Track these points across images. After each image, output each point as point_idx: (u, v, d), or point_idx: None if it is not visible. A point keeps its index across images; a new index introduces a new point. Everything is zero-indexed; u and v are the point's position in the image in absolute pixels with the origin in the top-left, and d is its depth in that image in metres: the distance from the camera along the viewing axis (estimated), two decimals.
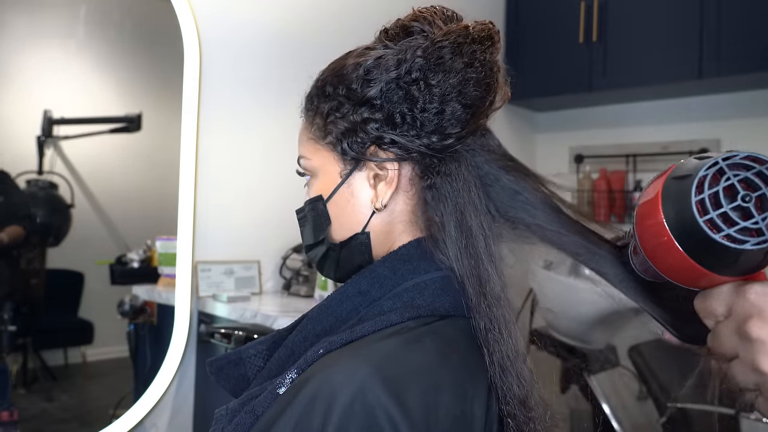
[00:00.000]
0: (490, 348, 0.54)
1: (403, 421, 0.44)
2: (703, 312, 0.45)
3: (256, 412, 0.50)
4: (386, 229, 0.61)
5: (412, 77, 0.56)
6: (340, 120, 0.59)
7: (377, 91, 0.57)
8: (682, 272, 0.44)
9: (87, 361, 1.80)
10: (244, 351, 0.64)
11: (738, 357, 0.42)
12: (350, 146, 0.59)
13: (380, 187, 0.59)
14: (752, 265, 0.41)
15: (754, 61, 2.07)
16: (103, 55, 1.76)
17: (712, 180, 0.41)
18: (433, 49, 0.56)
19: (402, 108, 0.57)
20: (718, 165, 0.41)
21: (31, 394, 1.67)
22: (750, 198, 0.40)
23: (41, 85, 1.65)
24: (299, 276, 1.83)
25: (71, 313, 1.78)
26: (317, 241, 0.64)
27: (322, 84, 0.62)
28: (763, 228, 0.39)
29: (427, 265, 0.58)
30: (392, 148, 0.58)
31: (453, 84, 0.56)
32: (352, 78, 0.58)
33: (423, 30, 0.59)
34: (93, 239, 1.75)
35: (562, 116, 2.87)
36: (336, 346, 0.51)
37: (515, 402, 0.53)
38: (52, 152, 1.64)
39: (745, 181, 0.40)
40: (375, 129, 0.58)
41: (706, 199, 0.40)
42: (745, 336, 0.41)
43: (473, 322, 0.55)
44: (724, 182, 0.40)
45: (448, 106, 0.56)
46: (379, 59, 0.58)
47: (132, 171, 1.81)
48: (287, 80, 1.91)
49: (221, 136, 1.76)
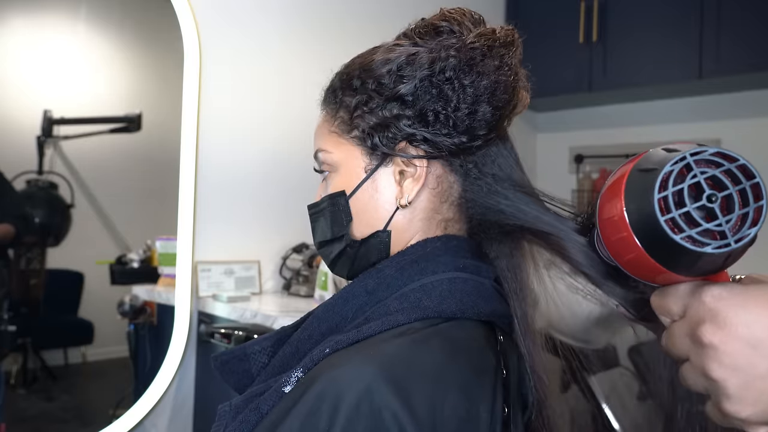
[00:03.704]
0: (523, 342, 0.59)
1: (409, 422, 0.44)
2: (658, 309, 0.44)
3: (261, 410, 0.50)
4: (406, 226, 0.61)
5: (445, 76, 0.56)
6: (368, 114, 0.59)
7: (411, 88, 0.57)
8: (641, 268, 0.42)
9: (87, 361, 1.80)
10: (249, 347, 0.63)
11: (689, 359, 0.41)
12: (381, 141, 0.59)
13: (406, 184, 0.59)
14: (713, 267, 0.39)
15: (754, 61, 2.07)
16: (103, 55, 1.76)
17: (677, 176, 0.38)
18: (466, 50, 0.57)
19: (435, 106, 0.57)
20: (685, 160, 0.38)
21: (31, 394, 1.67)
22: (716, 198, 0.37)
23: (41, 85, 1.65)
24: (299, 276, 1.83)
25: (71, 313, 1.78)
26: (335, 237, 0.63)
27: (347, 77, 0.61)
28: (726, 231, 0.37)
29: (434, 266, 0.58)
30: (423, 146, 0.58)
31: (485, 86, 0.56)
32: (383, 73, 0.58)
33: (452, 30, 0.59)
34: (93, 239, 1.75)
35: (562, 116, 2.87)
36: (342, 345, 0.51)
37: None
38: (52, 152, 1.64)
39: (713, 179, 0.38)
40: (407, 125, 0.58)
41: (669, 197, 0.37)
42: (697, 340, 0.40)
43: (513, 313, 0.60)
44: (690, 179, 0.38)
45: (480, 107, 0.57)
46: (413, 56, 0.57)
47: (132, 171, 1.81)
48: (288, 80, 1.91)
49: (221, 135, 1.76)
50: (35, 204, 1.67)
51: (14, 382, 1.63)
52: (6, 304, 1.62)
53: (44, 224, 1.72)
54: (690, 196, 0.37)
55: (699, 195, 0.38)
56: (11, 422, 1.58)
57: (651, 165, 0.39)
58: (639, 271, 0.43)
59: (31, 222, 1.70)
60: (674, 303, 0.42)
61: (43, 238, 1.72)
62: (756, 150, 2.34)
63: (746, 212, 0.37)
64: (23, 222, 1.68)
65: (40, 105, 1.61)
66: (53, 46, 1.66)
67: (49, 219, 1.72)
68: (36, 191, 1.65)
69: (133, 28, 1.80)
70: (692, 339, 0.40)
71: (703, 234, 0.37)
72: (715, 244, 0.37)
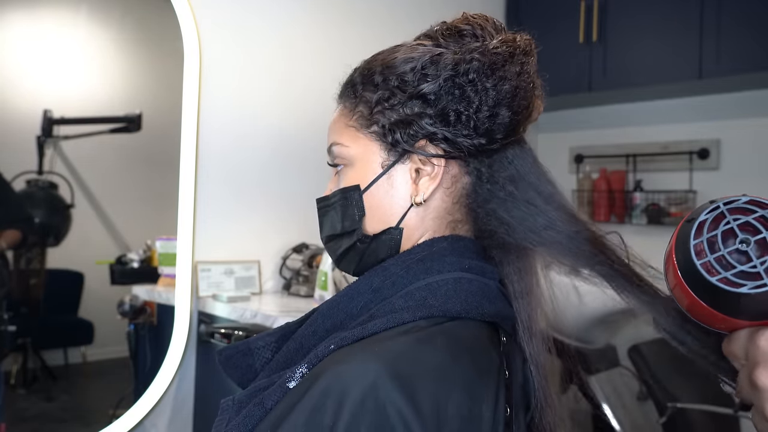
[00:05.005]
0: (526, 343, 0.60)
1: (414, 419, 0.44)
2: (728, 356, 0.44)
3: (265, 405, 0.50)
4: (417, 225, 0.61)
5: (468, 78, 0.57)
6: (389, 111, 0.59)
7: (434, 87, 0.58)
8: (700, 316, 0.44)
9: (87, 361, 1.80)
10: (253, 342, 0.63)
11: (754, 405, 0.41)
12: (402, 137, 0.59)
13: (422, 182, 0.60)
14: (760, 309, 0.40)
15: (754, 61, 2.07)
16: (103, 55, 1.76)
17: (712, 224, 0.41)
18: (490, 55, 0.58)
19: (458, 106, 0.58)
20: (719, 209, 0.41)
21: (31, 394, 1.67)
22: (749, 242, 0.40)
23: (41, 85, 1.65)
24: (299, 276, 1.83)
25: (71, 313, 1.78)
26: (345, 231, 0.62)
27: (368, 73, 0.61)
28: (761, 271, 0.39)
29: (440, 266, 0.58)
30: (442, 145, 0.59)
31: (507, 90, 0.58)
32: (406, 70, 0.59)
33: (475, 34, 0.60)
34: (93, 239, 1.75)
35: (562, 116, 2.87)
36: (347, 342, 0.51)
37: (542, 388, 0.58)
38: (52, 152, 1.64)
39: (747, 224, 0.41)
40: (429, 124, 0.58)
41: (704, 242, 0.41)
42: (754, 384, 0.40)
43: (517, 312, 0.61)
44: (723, 226, 0.41)
45: (501, 110, 0.58)
46: (437, 56, 0.58)
47: (132, 171, 1.81)
48: (288, 79, 1.91)
49: (221, 135, 1.76)
50: (35, 204, 1.67)
51: (14, 382, 1.63)
52: (6, 304, 1.62)
53: (44, 224, 1.72)
54: (724, 241, 0.40)
55: (734, 240, 0.40)
56: (11, 422, 1.58)
57: (693, 216, 0.43)
58: (700, 318, 0.44)
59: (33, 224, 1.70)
60: (738, 348, 0.43)
61: (43, 238, 1.72)
62: (756, 150, 2.34)
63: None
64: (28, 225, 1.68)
65: (40, 105, 1.61)
66: (53, 46, 1.66)
67: (49, 219, 1.72)
68: (36, 191, 1.65)
69: (133, 28, 1.80)
70: (750, 383, 0.41)
71: (740, 276, 0.39)
72: (751, 285, 0.39)
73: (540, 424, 0.62)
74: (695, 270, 0.40)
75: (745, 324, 0.42)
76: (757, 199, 0.41)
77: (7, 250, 1.63)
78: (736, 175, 2.38)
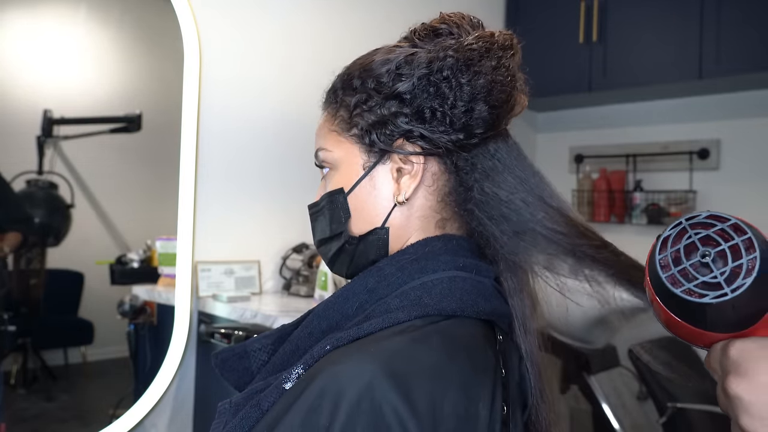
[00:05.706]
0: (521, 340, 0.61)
1: (410, 418, 0.44)
2: (709, 371, 0.45)
3: (262, 407, 0.50)
4: (404, 224, 0.62)
5: (443, 75, 0.58)
6: (367, 113, 0.60)
7: (409, 86, 0.58)
8: (676, 330, 0.45)
9: (87, 361, 1.80)
10: (249, 345, 0.64)
11: (730, 414, 0.42)
12: (379, 137, 0.60)
13: (404, 181, 0.61)
14: (729, 320, 0.42)
15: (754, 61, 2.07)
16: (103, 55, 1.76)
17: (675, 238, 0.43)
18: (464, 51, 0.58)
19: (432, 104, 0.58)
20: (681, 225, 0.44)
21: (31, 394, 1.67)
22: (710, 254, 0.42)
23: (41, 85, 1.65)
24: (299, 276, 1.83)
25: (71, 313, 1.78)
26: (334, 234, 0.64)
27: (348, 78, 0.62)
28: (722, 282, 0.40)
29: (434, 265, 0.59)
30: (419, 142, 0.60)
31: (482, 84, 0.58)
32: (382, 72, 0.59)
33: (451, 32, 0.61)
34: (93, 239, 1.75)
35: (562, 116, 2.88)
36: (343, 342, 0.51)
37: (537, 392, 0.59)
38: (52, 152, 1.64)
39: (707, 238, 0.42)
40: (405, 122, 0.59)
41: (668, 257, 0.43)
42: (726, 393, 0.41)
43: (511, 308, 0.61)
44: (686, 240, 0.43)
45: (477, 105, 0.58)
46: (411, 56, 0.59)
47: (132, 171, 1.81)
48: (289, 79, 1.91)
49: (221, 135, 1.76)
50: (35, 204, 1.67)
51: (14, 382, 1.63)
52: (6, 304, 1.62)
53: (44, 224, 1.72)
54: (686, 255, 0.43)
55: (695, 253, 0.43)
56: (11, 422, 1.58)
57: (660, 233, 0.45)
58: (679, 333, 0.46)
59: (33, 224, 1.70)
60: (714, 361, 0.44)
61: (43, 238, 1.72)
62: (756, 150, 2.34)
63: (740, 264, 0.41)
64: (28, 226, 1.68)
65: (40, 105, 1.61)
66: (53, 46, 1.66)
67: (49, 219, 1.72)
68: (36, 191, 1.65)
69: (133, 28, 1.80)
70: (724, 393, 0.42)
71: (702, 287, 0.41)
72: (713, 294, 0.40)
73: (536, 421, 0.62)
74: (662, 283, 0.42)
75: (721, 337, 0.44)
76: (718, 214, 0.43)
77: (9, 254, 1.63)
78: (736, 175, 2.38)
